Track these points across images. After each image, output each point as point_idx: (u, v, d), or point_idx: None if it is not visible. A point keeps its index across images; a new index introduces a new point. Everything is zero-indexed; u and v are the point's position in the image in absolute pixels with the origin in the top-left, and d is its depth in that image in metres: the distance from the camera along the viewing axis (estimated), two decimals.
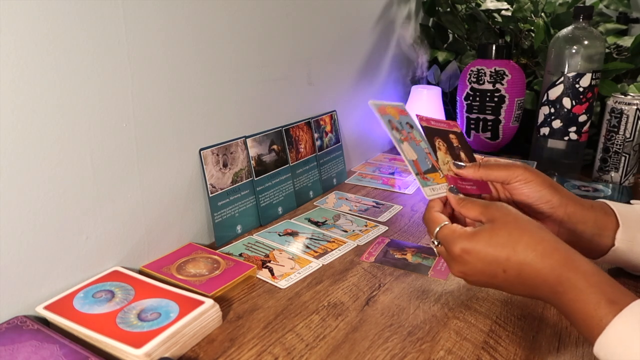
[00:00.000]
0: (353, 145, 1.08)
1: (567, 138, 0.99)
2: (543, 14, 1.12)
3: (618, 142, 0.93)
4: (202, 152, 0.69)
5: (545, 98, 0.99)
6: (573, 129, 0.98)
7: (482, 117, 1.10)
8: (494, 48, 1.07)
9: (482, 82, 1.08)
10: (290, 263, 0.66)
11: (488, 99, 1.08)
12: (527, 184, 0.53)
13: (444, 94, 1.19)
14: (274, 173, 0.81)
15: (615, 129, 0.92)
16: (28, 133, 0.49)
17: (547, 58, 0.99)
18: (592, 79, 0.94)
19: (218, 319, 0.53)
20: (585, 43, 0.93)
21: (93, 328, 0.49)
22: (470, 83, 1.10)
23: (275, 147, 0.81)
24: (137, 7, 0.57)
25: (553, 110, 0.98)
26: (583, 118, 0.97)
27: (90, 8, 0.52)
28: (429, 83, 1.26)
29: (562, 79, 0.95)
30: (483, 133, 1.12)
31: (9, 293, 0.51)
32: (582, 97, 0.95)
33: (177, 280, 0.59)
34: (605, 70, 1.00)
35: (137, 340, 0.47)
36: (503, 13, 1.15)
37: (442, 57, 1.24)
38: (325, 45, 0.94)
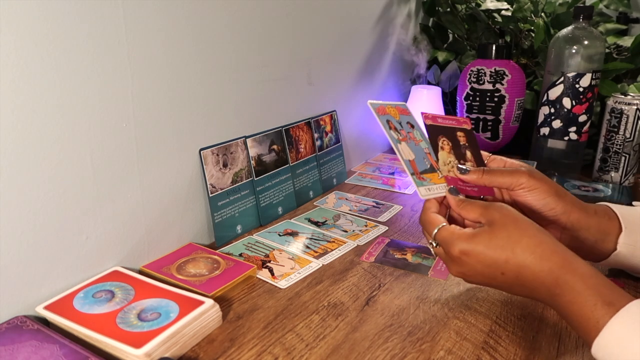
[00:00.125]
0: (353, 145, 1.08)
1: (567, 138, 0.99)
2: (543, 14, 1.12)
3: (618, 142, 0.93)
4: (202, 152, 0.69)
5: (545, 98, 0.99)
6: (573, 129, 0.98)
7: (482, 117, 1.10)
8: (494, 48, 1.07)
9: (482, 82, 1.08)
10: (290, 263, 0.66)
11: (488, 99, 1.08)
12: (531, 192, 0.53)
13: (444, 94, 1.19)
14: (274, 173, 0.81)
15: (615, 129, 0.92)
16: (28, 133, 0.50)
17: (547, 58, 0.99)
18: (592, 79, 0.94)
19: (218, 319, 0.53)
20: (585, 43, 0.93)
21: (93, 328, 0.49)
22: (470, 83, 1.10)
23: (275, 147, 0.81)
24: (137, 7, 0.57)
25: (553, 110, 0.98)
26: (583, 118, 0.97)
27: (91, 8, 0.52)
28: (429, 83, 1.26)
29: (562, 79, 0.95)
30: (483, 133, 1.12)
31: (9, 293, 0.51)
32: (582, 97, 0.95)
33: (177, 280, 0.59)
34: (605, 70, 1.00)
35: (137, 340, 0.47)
36: (503, 13, 1.15)
37: (442, 57, 1.24)
38: (325, 45, 0.94)
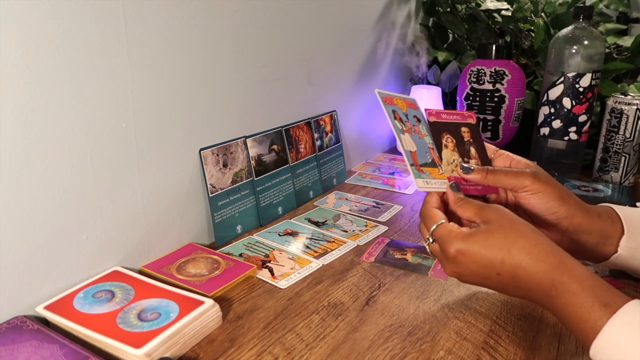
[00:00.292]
0: (353, 145, 1.08)
1: (567, 138, 0.99)
2: (543, 14, 1.12)
3: (618, 142, 0.93)
4: (202, 152, 0.69)
5: (545, 98, 0.99)
6: (573, 129, 0.98)
7: (482, 117, 1.10)
8: (494, 48, 1.07)
9: (482, 82, 1.08)
10: (290, 263, 0.66)
11: (488, 99, 1.08)
12: (534, 195, 0.52)
13: (444, 94, 1.19)
14: (274, 173, 0.81)
15: (615, 129, 0.92)
16: (28, 133, 0.50)
17: (547, 58, 0.99)
18: (592, 79, 0.94)
19: (218, 319, 0.53)
20: (585, 43, 0.93)
21: (93, 328, 0.49)
22: (470, 83, 1.09)
23: (275, 147, 0.81)
24: (137, 7, 0.57)
25: (553, 110, 0.98)
26: (583, 118, 0.97)
27: (91, 8, 0.52)
28: (429, 83, 1.26)
29: (562, 79, 0.95)
30: (483, 133, 1.11)
31: (9, 293, 0.51)
32: (582, 97, 0.95)
33: (177, 280, 0.59)
34: (605, 70, 1.00)
35: (137, 340, 0.47)
36: (503, 13, 1.15)
37: (442, 57, 1.24)
38: (325, 45, 0.94)
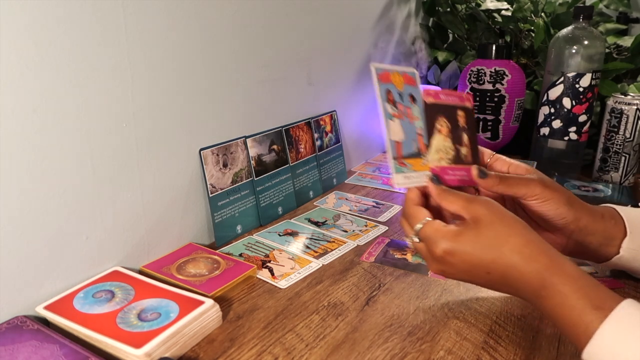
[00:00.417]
0: (353, 145, 1.08)
1: (567, 138, 0.99)
2: (543, 14, 1.12)
3: (618, 142, 0.93)
4: (202, 152, 0.69)
5: (545, 98, 0.99)
6: (573, 129, 0.98)
7: (482, 117, 1.10)
8: (494, 48, 1.07)
9: (482, 82, 1.08)
10: (290, 263, 0.66)
11: (488, 99, 1.08)
12: (545, 202, 0.52)
13: None
14: (274, 173, 0.81)
15: (615, 129, 0.92)
16: (28, 133, 0.50)
17: (547, 58, 0.99)
18: (592, 79, 0.94)
19: (218, 319, 0.53)
20: (585, 43, 0.93)
21: (93, 328, 0.49)
22: (470, 83, 1.10)
23: (275, 147, 0.81)
24: (137, 7, 0.57)
25: (553, 110, 0.98)
26: (583, 118, 0.97)
27: (91, 8, 0.52)
28: (429, 83, 1.26)
29: (562, 79, 0.95)
30: (483, 133, 1.12)
31: (9, 293, 0.51)
32: (582, 97, 0.95)
33: (177, 280, 0.59)
34: (605, 70, 1.00)
35: (137, 340, 0.47)
36: (503, 13, 1.15)
37: (442, 57, 1.24)
38: (325, 45, 0.94)
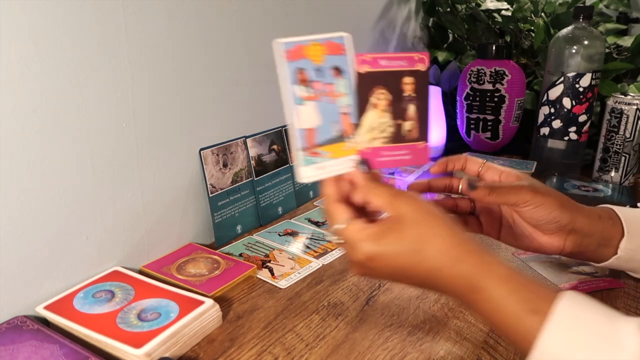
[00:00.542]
0: None
1: (567, 138, 0.99)
2: (543, 14, 1.12)
3: (618, 142, 0.93)
4: (202, 152, 0.69)
5: (545, 98, 0.99)
6: (573, 129, 0.98)
7: (482, 117, 1.10)
8: (494, 48, 1.07)
9: (482, 82, 1.08)
10: (290, 263, 0.66)
11: (488, 99, 1.08)
12: (537, 208, 0.51)
13: (444, 94, 1.19)
14: (274, 173, 0.81)
15: (615, 129, 0.92)
16: (28, 133, 0.50)
17: (547, 58, 0.99)
18: (592, 79, 0.94)
19: (218, 319, 0.53)
20: (585, 43, 0.93)
21: (93, 328, 0.49)
22: (470, 83, 1.09)
23: (275, 147, 0.81)
24: (137, 7, 0.57)
25: (553, 110, 0.98)
26: (583, 118, 0.97)
27: (90, 8, 0.52)
28: (429, 83, 1.26)
29: (562, 79, 0.95)
30: (483, 133, 1.12)
31: (9, 293, 0.51)
32: (582, 97, 0.95)
33: (177, 280, 0.59)
34: (605, 70, 1.00)
35: (137, 340, 0.47)
36: (503, 13, 1.15)
37: (442, 57, 1.24)
38: None
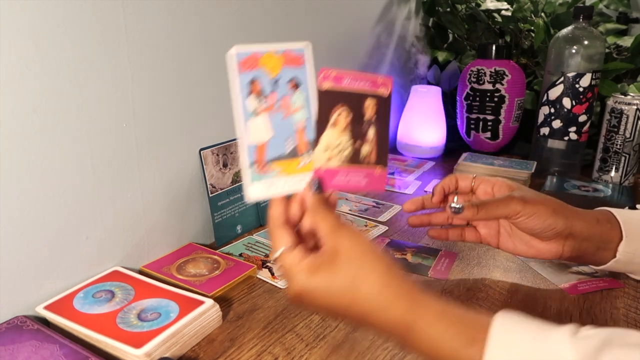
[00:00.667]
0: None
1: (567, 138, 0.99)
2: (543, 14, 1.12)
3: (618, 142, 0.93)
4: (202, 152, 0.69)
5: (545, 98, 0.99)
6: (573, 129, 0.98)
7: (482, 117, 1.10)
8: (494, 48, 1.07)
9: (482, 82, 1.08)
10: None
11: (488, 99, 1.08)
12: (530, 218, 0.51)
13: (444, 94, 1.19)
14: None
15: (615, 129, 0.92)
16: (28, 133, 0.50)
17: (547, 58, 0.99)
18: (592, 79, 0.94)
19: (218, 319, 0.53)
20: (585, 43, 0.93)
21: (93, 328, 0.49)
22: (470, 83, 1.10)
23: None
24: (137, 7, 0.57)
25: (553, 110, 0.98)
26: (583, 118, 0.97)
27: (90, 8, 0.52)
28: (429, 83, 1.26)
29: (562, 79, 0.95)
30: (483, 133, 1.12)
31: (9, 293, 0.51)
32: (582, 97, 0.95)
33: (177, 280, 0.59)
34: (605, 70, 1.00)
35: (137, 340, 0.47)
36: (503, 13, 1.15)
37: (442, 57, 1.24)
38: (326, 45, 0.94)
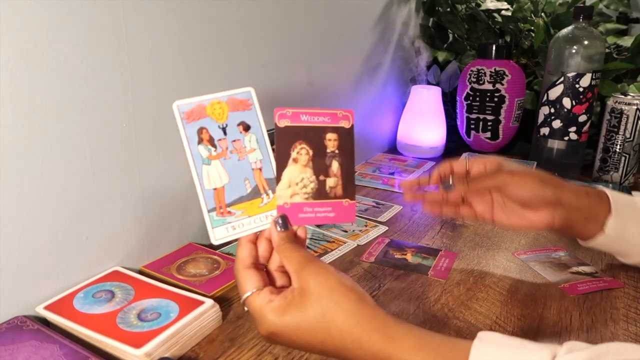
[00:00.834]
0: None
1: (567, 138, 0.99)
2: (543, 14, 1.12)
3: (618, 142, 0.93)
4: None
5: (545, 98, 0.99)
6: (573, 129, 0.98)
7: (482, 117, 1.10)
8: (494, 48, 1.07)
9: (482, 82, 1.08)
10: None
11: (488, 99, 1.08)
12: (518, 186, 0.54)
13: (444, 94, 1.19)
14: None
15: (615, 129, 0.92)
16: (28, 133, 0.50)
17: (547, 58, 0.99)
18: (592, 79, 0.94)
19: (218, 319, 0.53)
20: (585, 43, 0.93)
21: (93, 328, 0.49)
22: (470, 83, 1.10)
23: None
24: (137, 6, 0.57)
25: (553, 110, 0.98)
26: (583, 118, 0.97)
27: (91, 8, 0.52)
28: (429, 83, 1.26)
29: (562, 79, 0.95)
30: (483, 133, 1.12)
31: (9, 293, 0.51)
32: (582, 97, 0.95)
33: (177, 280, 0.59)
34: (605, 70, 1.00)
35: (137, 340, 0.47)
36: (503, 13, 1.15)
37: (442, 57, 1.24)
38: (325, 45, 0.94)
